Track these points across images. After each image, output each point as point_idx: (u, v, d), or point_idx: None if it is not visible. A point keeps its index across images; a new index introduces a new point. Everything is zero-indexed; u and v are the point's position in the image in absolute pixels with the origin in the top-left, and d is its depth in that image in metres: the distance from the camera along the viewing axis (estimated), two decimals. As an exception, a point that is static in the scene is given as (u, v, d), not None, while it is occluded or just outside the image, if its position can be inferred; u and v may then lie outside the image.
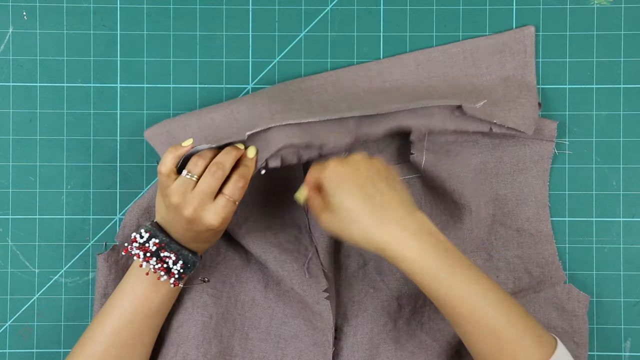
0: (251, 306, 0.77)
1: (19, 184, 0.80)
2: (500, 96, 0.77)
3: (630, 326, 0.80)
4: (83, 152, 0.80)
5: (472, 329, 0.64)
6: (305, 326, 0.76)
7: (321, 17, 0.81)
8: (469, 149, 0.77)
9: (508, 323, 0.64)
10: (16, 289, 0.80)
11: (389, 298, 0.78)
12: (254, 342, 0.77)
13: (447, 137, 0.77)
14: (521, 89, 0.78)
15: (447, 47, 0.80)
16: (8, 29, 0.80)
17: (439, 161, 0.76)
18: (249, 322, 0.77)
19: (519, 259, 0.79)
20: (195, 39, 0.80)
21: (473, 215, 0.76)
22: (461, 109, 0.73)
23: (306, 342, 0.76)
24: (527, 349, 0.64)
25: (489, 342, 0.64)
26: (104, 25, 0.80)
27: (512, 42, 0.79)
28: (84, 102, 0.80)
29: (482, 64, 0.79)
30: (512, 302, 0.65)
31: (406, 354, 0.76)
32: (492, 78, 0.79)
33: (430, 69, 0.79)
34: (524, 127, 0.75)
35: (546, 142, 0.78)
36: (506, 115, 0.74)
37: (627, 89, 0.80)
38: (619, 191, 0.80)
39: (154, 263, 0.68)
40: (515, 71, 0.79)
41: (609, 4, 0.80)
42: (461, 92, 0.78)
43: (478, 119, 0.74)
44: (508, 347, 0.64)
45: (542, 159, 0.79)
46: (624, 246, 0.80)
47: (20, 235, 0.80)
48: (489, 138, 0.78)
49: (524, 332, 0.64)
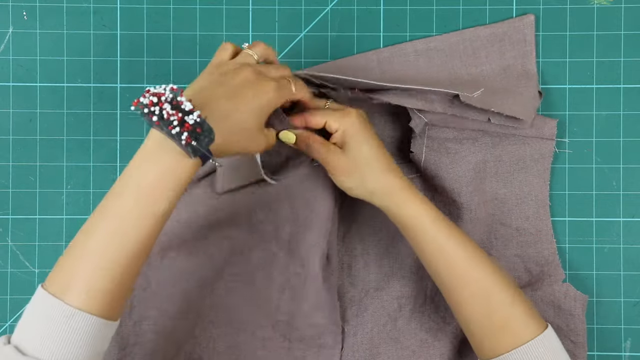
0: (260, 305, 0.77)
1: (19, 184, 0.80)
2: (499, 86, 0.77)
3: (630, 326, 0.80)
4: (83, 152, 0.80)
5: (463, 288, 0.67)
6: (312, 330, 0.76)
7: (321, 17, 0.81)
8: (469, 147, 0.77)
9: (500, 288, 0.66)
10: (16, 289, 0.80)
11: (389, 298, 0.78)
12: (258, 342, 0.77)
13: (447, 134, 0.77)
14: (520, 78, 0.78)
15: (446, 36, 0.80)
16: (8, 29, 0.80)
17: (438, 159, 0.76)
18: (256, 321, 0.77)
19: (519, 257, 0.79)
20: (195, 39, 0.80)
21: (473, 215, 0.76)
22: (458, 98, 0.73)
23: (311, 345, 0.76)
24: (520, 317, 0.65)
25: (480, 303, 0.66)
26: (104, 25, 0.80)
27: (512, 31, 0.79)
28: (84, 102, 0.80)
29: (482, 53, 0.79)
30: (506, 273, 0.69)
31: (407, 353, 0.76)
32: (491, 67, 0.79)
33: (429, 58, 0.79)
34: (523, 115, 0.75)
35: (546, 140, 0.78)
36: (504, 104, 0.75)
37: (627, 89, 0.80)
38: (619, 191, 0.80)
39: (167, 108, 0.57)
40: (514, 60, 0.79)
41: (609, 4, 0.80)
42: (460, 83, 0.78)
43: (476, 107, 0.74)
44: (499, 311, 0.65)
45: (542, 158, 0.79)
46: (624, 246, 0.80)
47: (20, 235, 0.80)
48: (489, 136, 0.78)
49: (518, 300, 0.66)
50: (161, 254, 0.74)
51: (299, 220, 0.76)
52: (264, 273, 0.77)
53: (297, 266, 0.75)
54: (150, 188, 0.58)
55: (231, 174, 0.75)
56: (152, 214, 0.58)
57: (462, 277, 0.67)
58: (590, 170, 0.80)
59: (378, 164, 0.69)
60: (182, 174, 0.59)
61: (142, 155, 0.59)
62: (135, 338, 0.72)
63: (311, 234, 0.75)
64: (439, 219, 0.68)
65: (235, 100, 0.61)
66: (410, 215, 0.68)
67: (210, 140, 0.58)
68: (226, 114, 0.61)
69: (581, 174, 0.80)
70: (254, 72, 0.63)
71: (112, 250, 0.57)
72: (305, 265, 0.75)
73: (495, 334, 0.65)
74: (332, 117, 0.69)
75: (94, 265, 0.57)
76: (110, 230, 0.58)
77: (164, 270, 0.74)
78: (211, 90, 0.62)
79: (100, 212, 0.59)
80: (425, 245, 0.68)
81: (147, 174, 0.58)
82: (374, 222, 0.80)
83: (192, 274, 0.75)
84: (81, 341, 0.56)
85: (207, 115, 0.59)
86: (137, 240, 0.58)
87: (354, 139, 0.68)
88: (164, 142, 0.58)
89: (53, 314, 0.56)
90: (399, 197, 0.69)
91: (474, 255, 0.67)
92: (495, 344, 0.65)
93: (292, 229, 0.76)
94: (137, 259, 0.59)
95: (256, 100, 0.62)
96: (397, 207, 0.69)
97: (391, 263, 0.79)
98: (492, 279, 0.66)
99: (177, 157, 0.58)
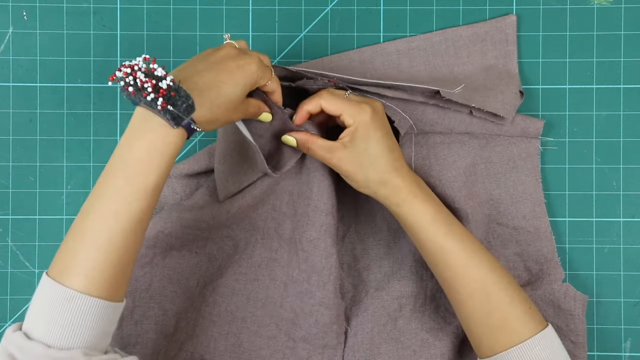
0: (264, 304, 0.77)
1: (19, 184, 0.80)
2: (481, 84, 0.78)
3: (630, 326, 0.80)
4: (83, 152, 0.80)
5: (462, 286, 0.67)
6: (316, 328, 0.76)
7: (321, 17, 0.81)
8: (457, 151, 0.77)
9: (499, 287, 0.66)
10: (16, 289, 0.80)
11: (389, 298, 0.78)
12: (262, 340, 0.77)
13: (434, 139, 0.77)
14: (502, 77, 0.78)
15: (428, 35, 0.80)
16: (8, 29, 0.80)
17: (428, 167, 0.76)
18: (259, 320, 0.77)
19: (518, 256, 0.79)
20: (195, 39, 0.80)
21: (470, 218, 0.76)
22: (439, 94, 0.73)
23: (315, 345, 0.76)
24: (518, 317, 0.65)
25: (479, 301, 0.66)
26: (104, 25, 0.80)
27: (494, 31, 0.79)
28: (84, 102, 0.80)
29: (464, 52, 0.79)
30: (507, 272, 0.68)
31: (408, 352, 0.76)
32: (473, 67, 0.79)
33: (411, 58, 0.79)
34: (503, 112, 0.75)
35: (531, 139, 0.79)
36: (485, 101, 0.75)
37: (627, 89, 0.80)
38: (619, 191, 0.80)
39: (141, 76, 0.58)
40: (496, 60, 0.79)
41: (609, 4, 0.80)
42: (441, 81, 0.78)
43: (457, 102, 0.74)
44: (498, 309, 0.66)
45: (530, 156, 0.79)
46: (624, 246, 0.80)
47: (20, 235, 0.80)
48: (476, 139, 0.78)
49: (517, 300, 0.66)
50: (163, 254, 0.74)
51: (298, 214, 0.76)
52: (267, 271, 0.77)
53: (301, 262, 0.76)
54: (138, 164, 0.59)
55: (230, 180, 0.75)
56: (142, 190, 0.59)
57: (461, 275, 0.67)
58: (590, 170, 0.80)
59: (381, 162, 0.69)
60: (169, 146, 0.60)
61: (128, 133, 0.60)
62: (136, 338, 0.72)
63: (312, 228, 0.75)
64: (438, 219, 0.68)
65: (217, 71, 0.62)
66: (408, 214, 0.69)
67: (188, 106, 0.59)
68: (209, 84, 0.61)
69: (581, 174, 0.80)
70: (235, 49, 0.64)
71: (107, 229, 0.58)
72: (308, 260, 0.75)
73: (493, 332, 0.65)
74: (348, 112, 0.69)
75: (90, 246, 0.58)
76: (104, 210, 0.58)
77: (166, 270, 0.74)
78: (194, 67, 0.63)
79: (94, 193, 0.60)
80: (424, 244, 0.69)
81: (134, 151, 0.59)
82: (374, 222, 0.80)
83: (194, 274, 0.75)
84: (84, 323, 0.57)
85: (190, 87, 0.60)
86: (130, 218, 0.59)
87: (363, 135, 0.68)
88: (148, 117, 0.59)
89: (55, 298, 0.57)
90: (398, 197, 0.69)
91: (473, 254, 0.67)
92: (494, 342, 0.65)
93: (292, 225, 0.77)
94: (133, 236, 0.59)
95: (239, 72, 0.63)
96: (396, 206, 0.69)
97: (391, 263, 0.79)
98: (492, 278, 0.67)
99: (161, 129, 0.59)
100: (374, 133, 0.69)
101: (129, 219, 0.59)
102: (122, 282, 0.60)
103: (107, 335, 0.59)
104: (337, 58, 0.80)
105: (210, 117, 0.62)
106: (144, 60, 0.59)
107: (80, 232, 0.58)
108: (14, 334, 0.56)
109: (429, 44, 0.79)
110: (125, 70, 0.58)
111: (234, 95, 0.63)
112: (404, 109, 0.75)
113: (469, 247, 0.68)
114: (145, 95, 0.57)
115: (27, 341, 0.55)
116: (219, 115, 0.63)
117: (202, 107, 0.60)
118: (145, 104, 0.58)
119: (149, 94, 0.57)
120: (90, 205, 0.59)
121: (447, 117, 0.76)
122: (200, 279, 0.76)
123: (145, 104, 0.59)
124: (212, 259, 0.76)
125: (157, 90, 0.58)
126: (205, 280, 0.76)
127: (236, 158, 0.75)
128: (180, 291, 0.75)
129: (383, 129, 0.69)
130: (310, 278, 0.75)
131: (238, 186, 0.75)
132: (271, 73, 0.67)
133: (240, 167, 0.75)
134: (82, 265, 0.57)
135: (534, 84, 0.80)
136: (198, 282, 0.76)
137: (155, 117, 0.59)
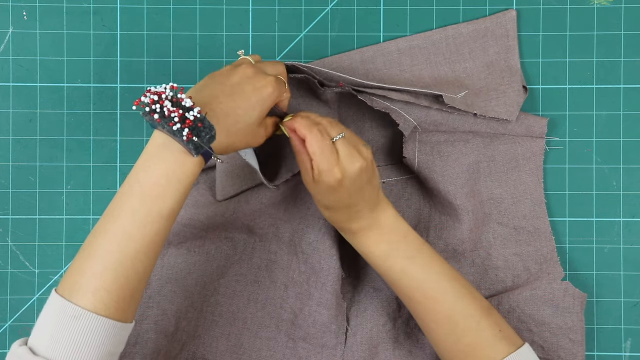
0: (264, 305, 0.77)
1: (19, 184, 0.80)
2: (483, 85, 0.78)
3: (630, 326, 0.80)
4: (83, 152, 0.80)
5: (426, 315, 0.67)
6: (315, 328, 0.76)
7: (321, 17, 0.81)
8: (460, 149, 0.77)
9: (466, 313, 0.66)
10: (16, 289, 0.80)
11: (388, 298, 0.78)
12: (262, 341, 0.77)
13: (438, 137, 0.77)
14: (504, 75, 0.78)
15: (429, 33, 0.80)
16: (8, 29, 0.80)
17: (431, 163, 0.76)
18: (259, 321, 0.77)
19: (518, 256, 0.79)
20: (195, 39, 0.80)
21: (470, 216, 0.76)
22: (441, 98, 0.73)
23: (314, 344, 0.76)
24: (487, 340, 0.65)
25: (446, 329, 0.66)
26: (104, 25, 0.80)
27: (494, 27, 0.79)
28: (84, 102, 0.80)
29: (465, 49, 0.79)
30: (476, 295, 0.67)
31: (404, 352, 0.76)
32: (475, 64, 0.79)
33: (412, 56, 0.79)
34: (507, 115, 0.75)
35: (537, 138, 0.79)
36: (487, 106, 0.75)
37: (627, 89, 0.80)
38: (619, 191, 0.80)
39: (168, 105, 0.58)
40: (498, 56, 0.79)
41: (609, 4, 0.80)
42: (443, 83, 0.78)
43: None
44: (465, 337, 0.65)
45: (534, 156, 0.79)
46: (624, 246, 0.80)
47: (20, 235, 0.80)
48: (480, 137, 0.78)
49: (485, 325, 0.66)
50: (161, 253, 0.74)
51: (296, 219, 0.76)
52: (267, 272, 0.77)
53: (300, 263, 0.76)
54: (155, 188, 0.59)
55: (229, 182, 0.76)
56: (157, 213, 0.59)
57: (423, 305, 0.67)
58: (590, 170, 0.80)
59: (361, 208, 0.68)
60: (186, 173, 0.59)
61: (146, 156, 0.60)
62: (135, 338, 0.73)
63: (311, 231, 0.75)
64: (395, 256, 0.68)
65: (235, 97, 0.62)
66: (364, 252, 0.70)
67: (211, 136, 0.58)
68: (227, 111, 0.61)
69: (581, 174, 0.80)
70: (251, 68, 0.64)
71: (118, 250, 0.58)
72: (308, 262, 0.75)
73: (464, 358, 0.66)
74: (319, 162, 0.65)
75: (100, 265, 0.57)
76: (117, 231, 0.58)
77: (164, 269, 0.74)
78: (211, 90, 0.62)
79: (108, 213, 0.60)
80: (385, 277, 0.70)
81: (152, 174, 0.59)
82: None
83: (192, 274, 0.75)
84: (90, 342, 0.56)
85: (209, 116, 0.60)
86: (143, 241, 0.58)
87: (348, 182, 0.65)
88: (167, 142, 0.59)
89: (62, 315, 0.56)
90: (354, 238, 0.70)
91: (437, 284, 0.67)
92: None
93: (291, 228, 0.77)
94: (145, 259, 0.59)
95: (255, 95, 0.63)
96: (352, 244, 0.71)
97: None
98: (458, 306, 0.66)
99: (181, 156, 0.59)
100: (358, 183, 0.66)
101: (142, 241, 0.58)
102: (130, 303, 0.59)
103: (113, 356, 0.59)
104: (338, 58, 0.80)
105: (227, 143, 0.62)
106: (171, 88, 0.59)
107: (90, 252, 0.58)
108: (19, 349, 0.56)
109: (429, 42, 0.79)
110: (153, 97, 0.58)
111: (251, 120, 0.63)
112: (408, 110, 0.75)
113: (432, 278, 0.67)
114: (171, 124, 0.57)
115: (32, 356, 0.55)
116: (236, 141, 0.63)
117: (220, 134, 0.60)
118: (169, 132, 0.58)
119: (175, 123, 0.57)
120: (102, 225, 0.59)
121: (450, 119, 0.76)
122: (198, 278, 0.76)
123: (169, 132, 0.58)
124: (210, 258, 0.76)
125: (184, 120, 0.57)
126: (205, 279, 0.76)
127: (238, 159, 0.75)
128: (179, 291, 0.75)
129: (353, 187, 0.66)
130: (310, 279, 0.75)
131: (236, 189, 0.76)
132: (285, 87, 0.67)
133: (241, 169, 0.76)
134: (91, 284, 0.57)
135: (534, 84, 0.80)
136: (197, 281, 0.76)
137: (174, 143, 0.59)
